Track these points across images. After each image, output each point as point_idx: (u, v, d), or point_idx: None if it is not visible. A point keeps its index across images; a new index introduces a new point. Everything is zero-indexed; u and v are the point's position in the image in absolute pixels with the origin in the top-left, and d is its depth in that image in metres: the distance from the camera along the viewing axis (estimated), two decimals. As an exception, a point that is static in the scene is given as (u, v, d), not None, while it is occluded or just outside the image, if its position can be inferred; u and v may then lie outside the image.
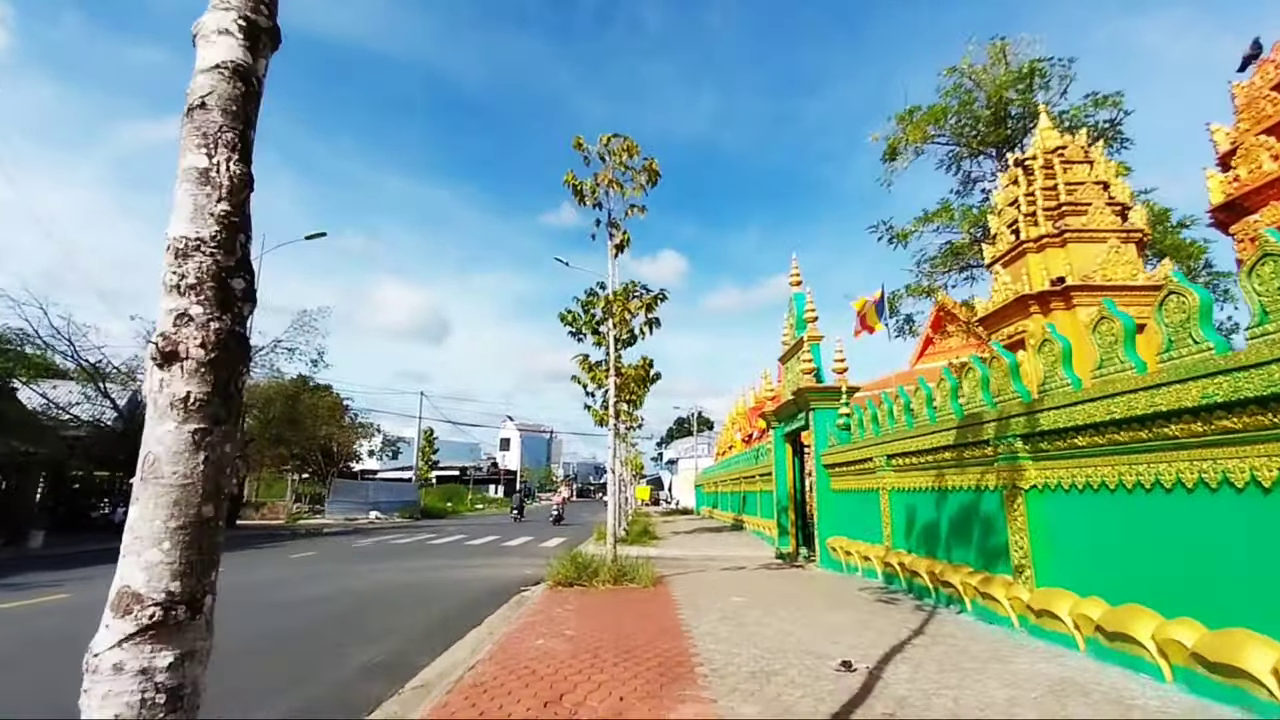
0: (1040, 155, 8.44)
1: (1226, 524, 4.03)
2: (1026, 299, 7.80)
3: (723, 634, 5.82)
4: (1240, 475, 3.88)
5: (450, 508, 46.67)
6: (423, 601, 8.50)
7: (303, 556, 14.29)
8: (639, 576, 8.99)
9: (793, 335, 14.66)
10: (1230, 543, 4.01)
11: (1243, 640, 3.72)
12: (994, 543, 6.50)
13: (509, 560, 13.80)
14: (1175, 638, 4.18)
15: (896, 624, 6.24)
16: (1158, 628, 4.36)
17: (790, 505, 15.11)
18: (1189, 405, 4.12)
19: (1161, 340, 4.42)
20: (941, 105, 12.37)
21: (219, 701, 4.47)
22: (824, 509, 12.14)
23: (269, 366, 24.14)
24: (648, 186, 10.40)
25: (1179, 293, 4.28)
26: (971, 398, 6.83)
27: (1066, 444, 5.40)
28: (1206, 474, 4.12)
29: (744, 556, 14.91)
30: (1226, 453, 3.98)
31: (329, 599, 8.67)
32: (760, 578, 10.34)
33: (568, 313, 15.24)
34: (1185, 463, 4.29)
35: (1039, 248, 7.97)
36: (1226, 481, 3.99)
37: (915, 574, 7.91)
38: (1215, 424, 4.01)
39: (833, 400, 12.44)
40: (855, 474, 10.58)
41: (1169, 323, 4.39)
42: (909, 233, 12.57)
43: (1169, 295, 4.37)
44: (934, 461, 7.72)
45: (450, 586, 9.85)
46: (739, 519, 23.34)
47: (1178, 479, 4.35)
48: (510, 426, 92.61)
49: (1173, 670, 4.25)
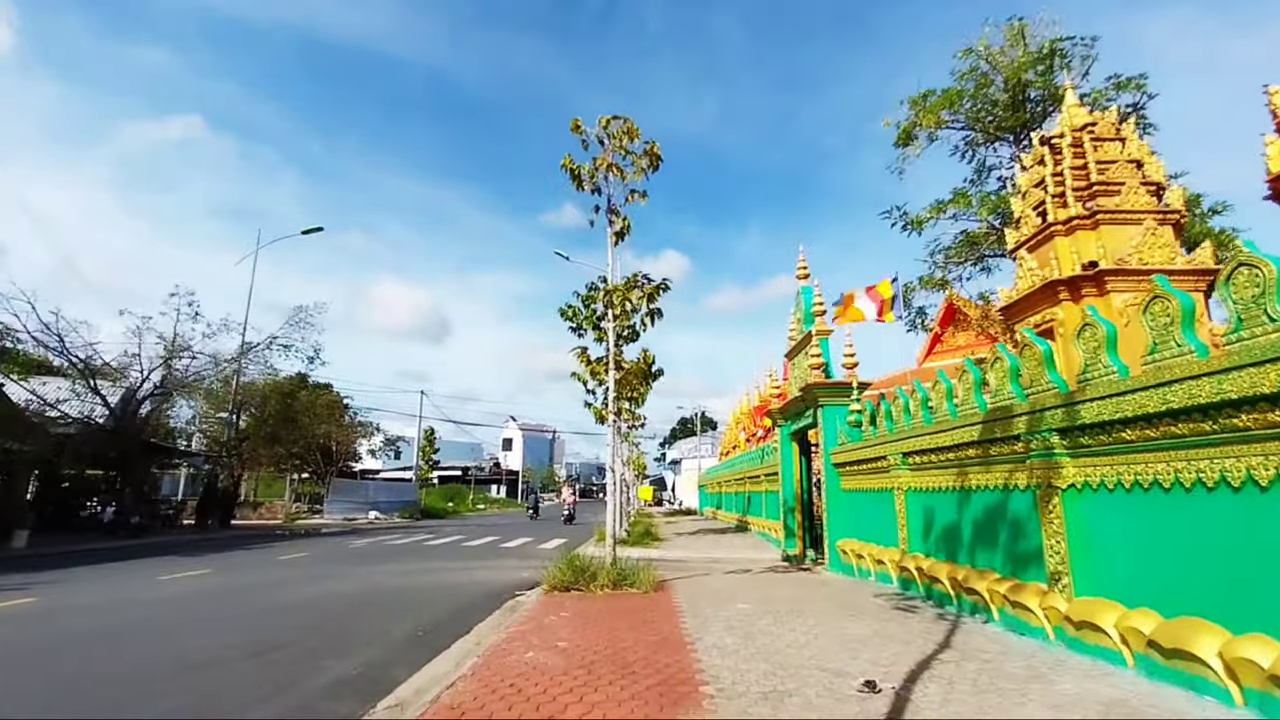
0: (1068, 133, 7.92)
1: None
2: (1056, 285, 7.27)
3: (730, 646, 5.32)
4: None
5: (451, 508, 46.26)
6: (412, 606, 8.01)
7: (294, 558, 13.82)
8: (639, 580, 8.49)
9: (800, 330, 14.14)
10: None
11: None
12: (1025, 547, 5.98)
13: (506, 562, 13.31)
14: (1248, 656, 3.67)
15: (919, 635, 5.73)
16: (1225, 645, 3.84)
17: (797, 506, 14.59)
18: (1266, 392, 3.61)
19: (1230, 319, 3.90)
20: (957, 88, 11.85)
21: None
22: (833, 510, 11.62)
23: (264, 363, 23.72)
24: (649, 171, 9.92)
25: (1252, 264, 3.76)
26: (999, 390, 6.31)
27: (1111, 438, 4.88)
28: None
29: (749, 559, 14.42)
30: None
31: (312, 604, 8.19)
32: (767, 582, 9.83)
33: (568, 307, 14.74)
34: (1258, 457, 3.77)
35: (1068, 230, 7.45)
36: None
37: (935, 580, 7.39)
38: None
39: (843, 396, 11.92)
40: (867, 473, 10.06)
41: (1238, 299, 3.87)
42: (925, 219, 12.02)
43: (1239, 268, 3.85)
44: (955, 460, 7.20)
45: (442, 590, 9.37)
46: (744, 520, 22.82)
47: (1248, 476, 3.83)
48: (513, 426, 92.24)
49: (1244, 693, 3.73)
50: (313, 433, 29.50)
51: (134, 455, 19.23)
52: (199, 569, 11.42)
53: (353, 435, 37.02)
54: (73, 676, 4.99)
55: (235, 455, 24.27)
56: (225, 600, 8.40)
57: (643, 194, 9.84)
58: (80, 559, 13.07)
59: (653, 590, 8.32)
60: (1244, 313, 3.84)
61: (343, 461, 37.87)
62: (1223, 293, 3.96)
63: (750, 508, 22.11)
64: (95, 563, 12.51)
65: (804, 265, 14.36)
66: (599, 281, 16.64)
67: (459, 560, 13.82)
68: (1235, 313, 3.88)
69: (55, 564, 12.21)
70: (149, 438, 20.74)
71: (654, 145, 9.94)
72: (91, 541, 15.77)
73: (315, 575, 10.88)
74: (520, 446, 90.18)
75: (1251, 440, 3.81)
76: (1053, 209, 7.56)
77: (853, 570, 10.37)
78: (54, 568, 11.67)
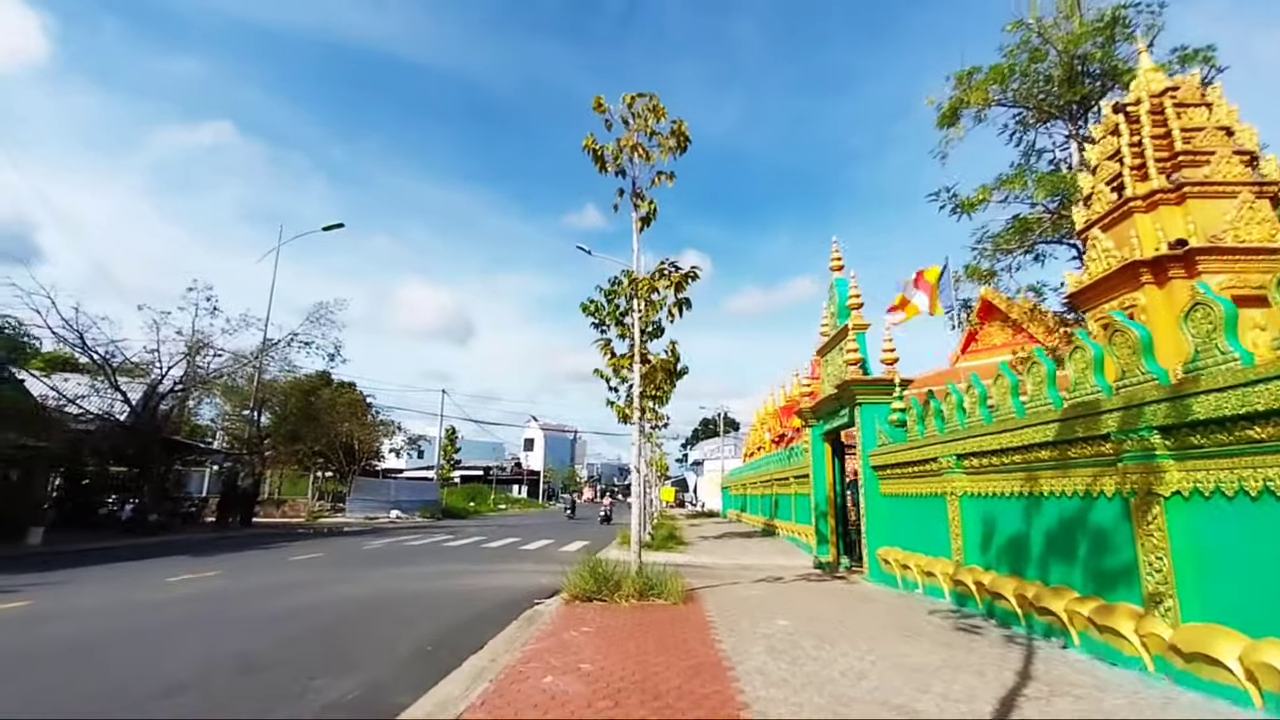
0: (1146, 99, 7.10)
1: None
2: (1137, 266, 6.47)
3: (775, 673, 4.65)
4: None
5: (472, 508, 46.07)
6: (424, 615, 7.46)
7: (307, 559, 13.42)
8: (667, 590, 7.85)
9: (833, 324, 13.38)
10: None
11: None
12: (1113, 563, 5.22)
13: (525, 566, 12.76)
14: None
15: (993, 663, 5.00)
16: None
17: (830, 510, 13.84)
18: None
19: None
20: (1008, 62, 10.97)
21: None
22: (873, 516, 10.86)
23: (284, 361, 23.50)
24: (676, 153, 9.29)
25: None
26: (1079, 383, 5.55)
27: (1232, 437, 4.13)
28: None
29: (779, 565, 13.74)
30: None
31: (318, 610, 7.68)
32: (803, 593, 9.13)
33: (590, 302, 14.16)
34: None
35: (1149, 205, 6.64)
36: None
37: (998, 596, 6.64)
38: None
39: (883, 394, 11.15)
40: (913, 477, 9.30)
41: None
42: (976, 202, 11.13)
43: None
44: (1022, 463, 6.44)
45: (457, 597, 8.82)
46: (770, 524, 22.03)
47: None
48: (534, 427, 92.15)
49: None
50: (334, 431, 29.33)
51: (153, 452, 19.08)
52: (208, 570, 11.04)
53: (375, 434, 36.90)
54: (21, 698, 4.48)
55: (256, 453, 24.13)
56: (228, 605, 7.94)
57: (670, 175, 9.21)
58: (93, 558, 12.80)
59: (682, 601, 7.67)
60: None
61: (365, 460, 37.80)
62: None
63: (778, 511, 21.32)
64: (107, 562, 12.23)
65: (838, 256, 13.60)
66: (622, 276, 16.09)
67: (477, 563, 13.31)
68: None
69: (67, 563, 11.94)
70: (169, 435, 20.60)
71: (681, 124, 9.31)
72: (108, 539, 15.58)
73: (326, 578, 10.42)
74: (542, 447, 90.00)
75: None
76: (1131, 182, 6.75)
77: (895, 581, 9.61)
78: (65, 566, 11.39)
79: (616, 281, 14.94)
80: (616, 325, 13.77)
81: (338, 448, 32.82)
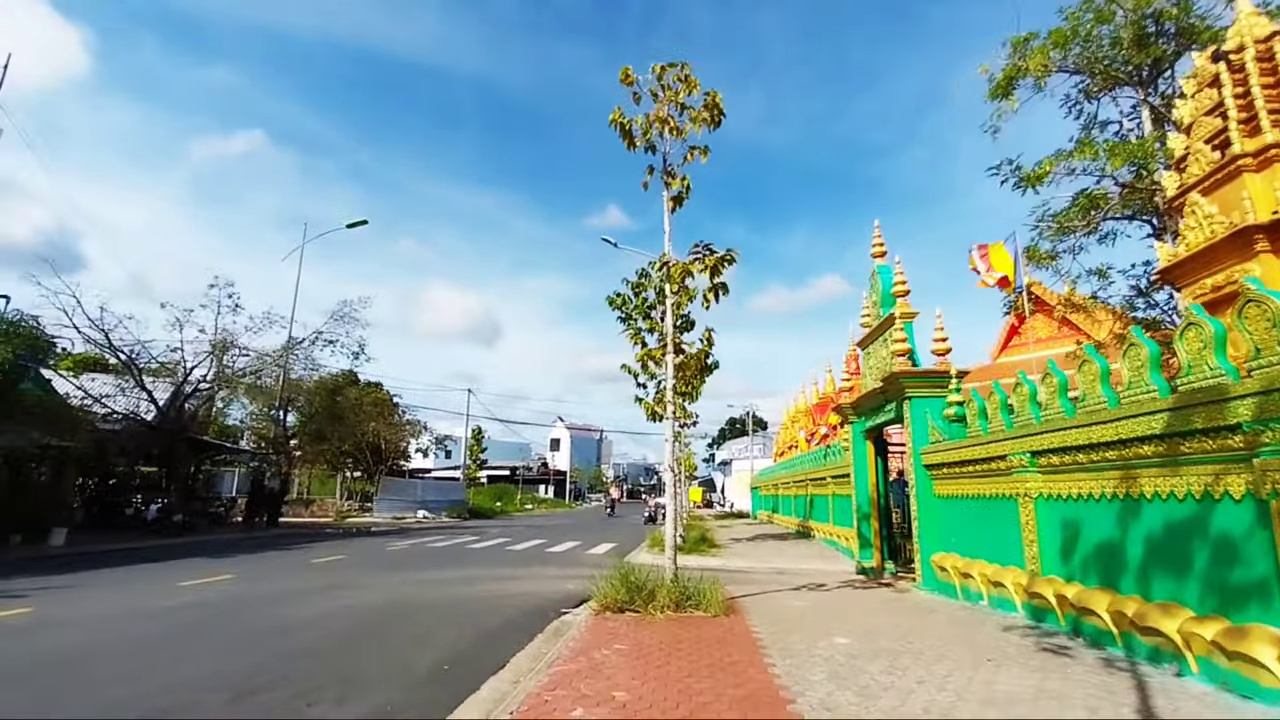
0: (1251, 45, 6.21)
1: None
2: (1251, 232, 5.60)
3: (845, 707, 3.94)
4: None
5: (499, 508, 45.88)
6: (443, 626, 6.89)
7: (327, 561, 13.00)
8: (706, 601, 7.16)
9: (876, 314, 12.54)
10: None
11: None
12: (1243, 577, 4.40)
13: (550, 570, 12.18)
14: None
15: (1100, 694, 4.22)
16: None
17: (873, 512, 13.02)
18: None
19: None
20: (1070, 25, 10.00)
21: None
22: (926, 518, 10.03)
23: (308, 360, 23.31)
24: (710, 126, 8.60)
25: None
26: (1196, 365, 4.73)
27: None
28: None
29: (819, 570, 12.98)
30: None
31: (331, 620, 7.16)
32: (853, 603, 8.37)
33: (616, 295, 13.53)
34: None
35: (1262, 163, 5.77)
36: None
37: (1086, 612, 5.82)
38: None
39: (937, 387, 10.32)
40: (975, 476, 8.47)
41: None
42: (1041, 174, 10.13)
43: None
44: (1117, 460, 5.62)
45: (480, 605, 8.25)
46: (805, 525, 21.15)
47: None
48: (560, 427, 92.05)
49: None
50: (361, 430, 29.16)
51: (179, 452, 18.98)
52: (224, 573, 10.65)
53: (401, 434, 36.79)
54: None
55: (283, 453, 24.00)
56: (236, 613, 7.47)
57: (704, 150, 8.53)
58: (114, 559, 12.55)
59: (723, 613, 6.98)
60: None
61: (392, 460, 37.73)
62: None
63: (813, 512, 20.45)
64: (127, 564, 11.94)
65: (880, 241, 12.76)
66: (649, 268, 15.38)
67: (502, 567, 12.78)
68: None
69: (85, 564, 11.68)
70: (197, 434, 20.52)
71: (715, 96, 8.62)
72: (133, 540, 15.39)
73: (344, 583, 9.94)
74: (568, 447, 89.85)
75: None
76: (1239, 138, 5.88)
77: (954, 590, 8.79)
78: (83, 568, 11.11)
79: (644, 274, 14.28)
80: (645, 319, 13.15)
81: (365, 447, 32.73)
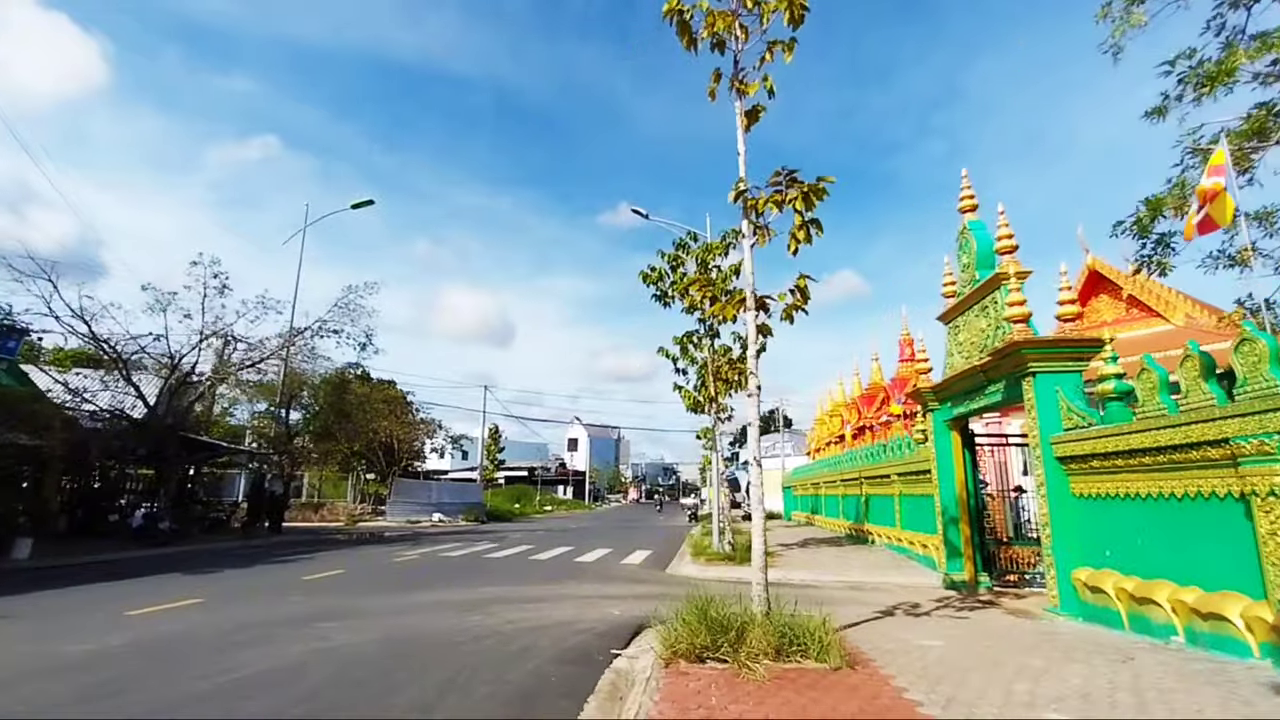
0: None
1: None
2: None
3: None
4: None
5: (518, 509, 44.13)
6: (447, 685, 4.89)
7: (322, 578, 11.04)
8: (815, 644, 5.13)
9: (970, 278, 10.42)
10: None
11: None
12: None
13: (585, 588, 10.19)
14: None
15: None
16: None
17: (963, 515, 10.97)
18: None
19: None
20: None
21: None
22: (1062, 525, 7.93)
23: (311, 352, 21.51)
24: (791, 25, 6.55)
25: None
26: None
27: None
28: None
29: (900, 585, 10.97)
30: None
31: (295, 675, 5.16)
32: (995, 639, 6.28)
33: (651, 270, 11.54)
34: None
35: None
36: None
37: None
38: None
39: (1072, 359, 8.24)
40: (1155, 470, 6.37)
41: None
42: (1232, 67, 7.73)
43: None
44: None
45: (501, 644, 6.26)
46: (859, 528, 18.97)
47: None
48: (578, 427, 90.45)
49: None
50: (371, 429, 27.37)
51: (170, 451, 17.20)
52: (192, 596, 8.76)
53: (415, 433, 35.05)
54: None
55: (285, 453, 22.22)
56: (175, 662, 5.54)
57: (788, 44, 6.49)
58: (76, 575, 10.74)
59: (845, 664, 4.94)
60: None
61: (406, 461, 36.02)
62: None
63: (869, 514, 18.30)
64: (88, 581, 10.11)
65: (970, 192, 10.66)
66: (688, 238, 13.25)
67: (526, 584, 10.81)
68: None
69: (35, 583, 9.83)
70: (190, 433, 18.74)
71: (797, -19, 6.56)
72: (108, 551, 13.60)
73: (333, 610, 7.97)
74: (586, 446, 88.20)
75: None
76: None
77: (1117, 619, 6.70)
78: (26, 589, 9.27)
79: (682, 245, 12.22)
80: (683, 297, 11.13)
81: (376, 447, 31.01)
